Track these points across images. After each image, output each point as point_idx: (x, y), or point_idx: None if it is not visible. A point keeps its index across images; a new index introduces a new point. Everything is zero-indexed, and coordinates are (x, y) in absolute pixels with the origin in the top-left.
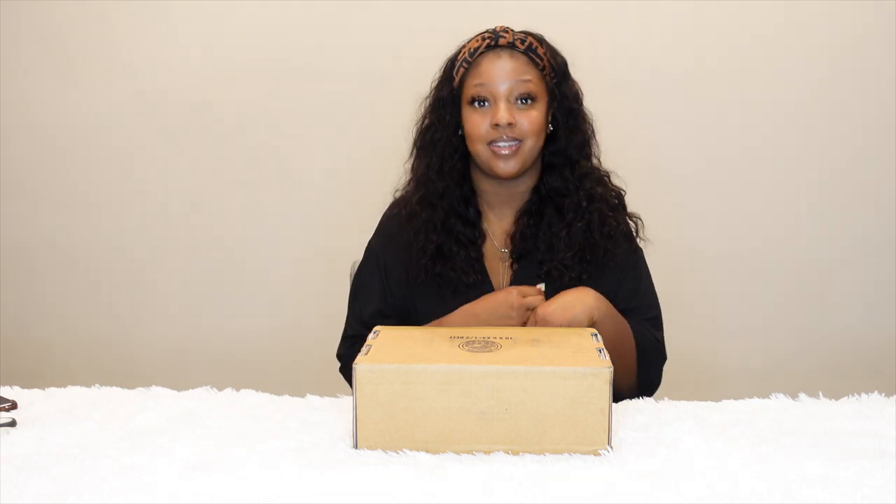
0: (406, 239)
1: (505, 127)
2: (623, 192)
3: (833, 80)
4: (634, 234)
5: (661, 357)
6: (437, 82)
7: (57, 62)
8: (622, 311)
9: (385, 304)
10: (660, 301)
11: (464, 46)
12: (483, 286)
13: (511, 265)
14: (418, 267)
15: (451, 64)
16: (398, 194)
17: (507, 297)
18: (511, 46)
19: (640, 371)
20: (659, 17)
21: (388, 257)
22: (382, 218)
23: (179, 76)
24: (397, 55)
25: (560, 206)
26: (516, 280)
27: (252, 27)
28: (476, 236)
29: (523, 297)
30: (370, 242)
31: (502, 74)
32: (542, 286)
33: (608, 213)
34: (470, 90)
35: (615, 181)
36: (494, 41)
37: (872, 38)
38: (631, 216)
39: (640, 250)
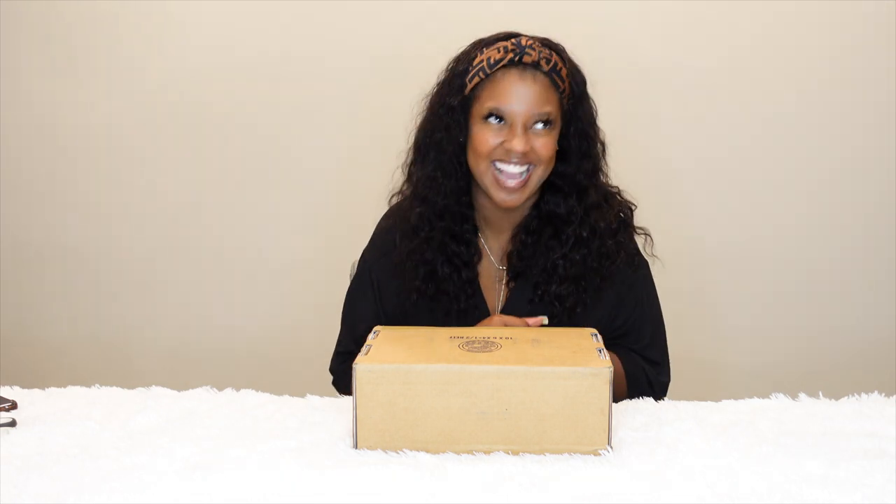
0: (400, 257)
1: (519, 154)
2: (633, 207)
3: (835, 80)
4: (642, 249)
5: (660, 387)
6: (444, 84)
7: (57, 62)
8: (620, 333)
9: (377, 321)
10: (660, 302)
11: (480, 51)
12: (477, 310)
13: (507, 283)
14: (410, 288)
15: (465, 68)
16: (394, 199)
17: (489, 323)
18: (535, 66)
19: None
20: (662, 15)
21: (380, 274)
22: (376, 229)
23: (179, 76)
24: (398, 55)
25: (559, 231)
26: (511, 300)
27: (252, 27)
28: (471, 256)
29: (504, 326)
30: (363, 256)
31: (524, 99)
32: (544, 320)
33: (609, 242)
34: (486, 105)
35: (626, 196)
36: (518, 57)
37: (873, 37)
38: (639, 231)
39: (644, 265)
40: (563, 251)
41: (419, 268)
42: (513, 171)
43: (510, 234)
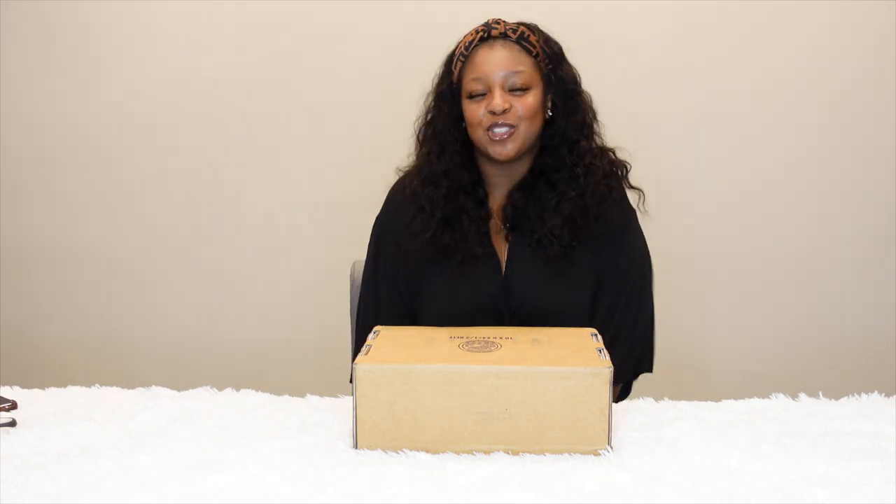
0: (416, 209)
1: (500, 113)
2: (628, 166)
3: (833, 80)
4: (637, 205)
5: (641, 369)
6: (437, 78)
7: (57, 62)
8: (612, 277)
9: (396, 279)
10: (660, 301)
11: (460, 42)
12: (491, 259)
13: (506, 237)
14: (425, 237)
15: (450, 59)
16: (401, 173)
17: None
18: (503, 37)
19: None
20: (659, 15)
21: (394, 229)
22: (389, 193)
23: (179, 77)
24: (396, 56)
25: (552, 181)
26: (512, 251)
27: (251, 29)
28: (483, 213)
29: None
30: (377, 220)
31: (496, 65)
32: None
33: (601, 181)
34: (468, 85)
35: (623, 156)
36: (487, 33)
37: (873, 39)
38: (634, 188)
39: (634, 212)
40: (557, 192)
41: (431, 219)
42: (499, 130)
43: (506, 194)
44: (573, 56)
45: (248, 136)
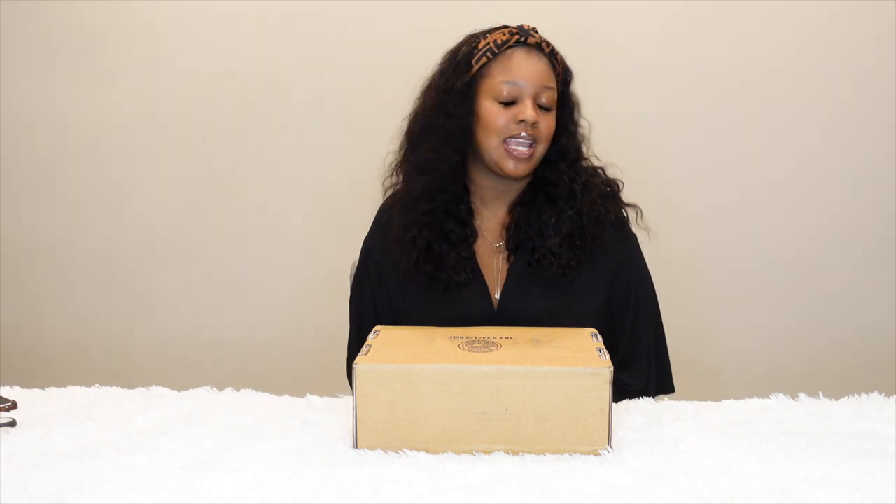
0: (397, 235)
1: (529, 125)
2: (620, 184)
3: (832, 80)
4: (634, 221)
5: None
6: (445, 71)
7: (57, 63)
8: (623, 305)
9: (381, 304)
10: (660, 302)
11: (481, 38)
12: (475, 284)
13: (507, 258)
14: (408, 265)
15: (469, 51)
16: (387, 183)
17: None
18: (538, 48)
19: None
20: (658, 16)
21: (380, 254)
22: (377, 213)
23: (178, 77)
24: (395, 56)
25: (552, 196)
26: (511, 273)
27: (251, 29)
28: (468, 235)
29: None
30: (364, 242)
31: (534, 75)
32: None
33: (598, 201)
34: (497, 80)
35: (614, 173)
36: (524, 38)
37: (872, 38)
38: (629, 205)
39: (635, 238)
40: (557, 208)
41: (416, 243)
42: (521, 147)
43: (506, 211)
44: (569, 53)
45: (247, 135)
